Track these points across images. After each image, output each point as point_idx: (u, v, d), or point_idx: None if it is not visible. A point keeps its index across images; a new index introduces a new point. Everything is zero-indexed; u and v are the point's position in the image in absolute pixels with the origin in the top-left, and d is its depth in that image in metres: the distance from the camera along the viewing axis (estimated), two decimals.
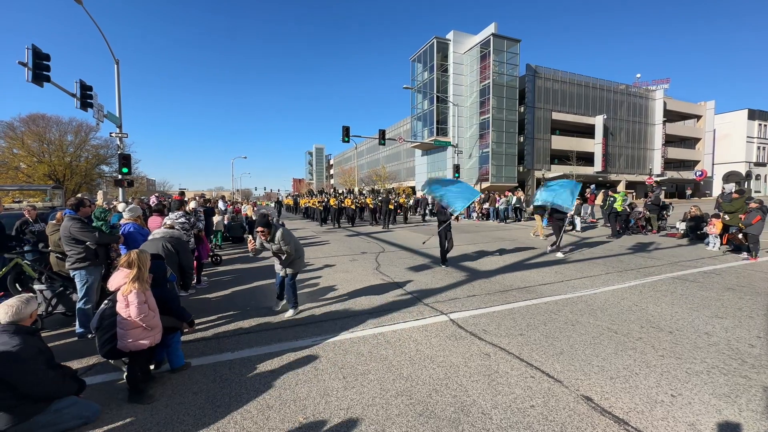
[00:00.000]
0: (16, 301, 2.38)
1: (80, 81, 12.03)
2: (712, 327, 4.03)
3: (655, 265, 7.35)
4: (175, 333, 3.28)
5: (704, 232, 9.97)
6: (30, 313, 2.45)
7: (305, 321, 4.52)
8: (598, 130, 42.73)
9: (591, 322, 4.23)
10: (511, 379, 2.96)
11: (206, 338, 4.05)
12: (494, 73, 36.49)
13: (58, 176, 29.60)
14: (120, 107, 14.56)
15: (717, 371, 3.04)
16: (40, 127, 30.93)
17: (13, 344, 2.23)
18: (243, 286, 6.42)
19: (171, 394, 2.89)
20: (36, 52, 10.19)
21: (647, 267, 7.22)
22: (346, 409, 2.62)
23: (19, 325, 2.37)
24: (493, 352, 3.48)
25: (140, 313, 2.72)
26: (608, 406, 2.57)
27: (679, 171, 50.79)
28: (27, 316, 2.40)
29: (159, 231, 4.76)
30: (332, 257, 9.08)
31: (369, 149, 66.51)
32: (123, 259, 2.84)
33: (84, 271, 4.19)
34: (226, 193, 50.26)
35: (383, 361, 3.37)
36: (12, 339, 2.26)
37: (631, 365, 3.16)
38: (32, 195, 25.48)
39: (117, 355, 2.86)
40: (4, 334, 2.28)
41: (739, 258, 7.99)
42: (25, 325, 2.43)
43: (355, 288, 6.05)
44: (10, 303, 2.37)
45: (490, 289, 5.80)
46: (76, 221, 4.24)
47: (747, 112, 50.66)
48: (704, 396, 2.68)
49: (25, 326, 2.43)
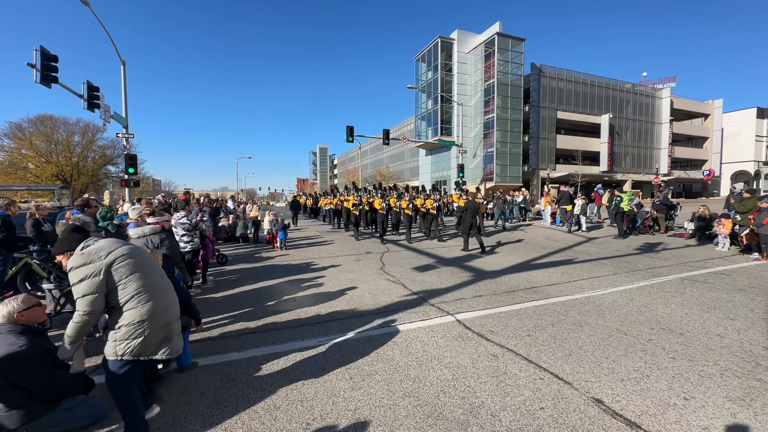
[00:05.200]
0: (14, 303, 2.41)
1: (87, 82, 12.14)
2: (724, 329, 3.96)
3: (664, 266, 7.26)
4: (184, 332, 3.28)
5: (713, 232, 9.83)
6: (35, 314, 2.47)
7: (311, 321, 4.51)
8: (604, 129, 42.39)
9: (599, 323, 4.18)
10: (520, 381, 2.93)
11: (213, 338, 4.06)
12: (499, 73, 36.31)
13: (65, 176, 29.94)
14: (126, 108, 14.68)
15: (730, 374, 2.99)
16: (48, 127, 31.29)
17: (20, 344, 2.25)
18: (249, 285, 6.43)
19: (179, 393, 2.90)
20: (44, 54, 10.29)
21: (655, 267, 7.14)
22: (353, 410, 2.61)
23: (26, 326, 2.39)
24: (501, 353, 3.45)
25: None
26: (620, 408, 2.53)
27: (686, 170, 50.25)
28: (23, 316, 2.41)
29: (137, 230, 4.15)
30: (337, 257, 9.07)
31: (373, 149, 66.51)
32: None
33: None
34: (231, 192, 50.55)
35: (390, 361, 3.35)
36: (19, 339, 2.27)
37: (641, 367, 3.12)
38: (40, 195, 25.77)
39: None
40: (11, 335, 2.29)
41: (750, 258, 7.87)
42: (33, 325, 2.46)
43: (360, 288, 6.04)
44: (9, 303, 2.40)
45: (497, 289, 5.76)
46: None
47: (756, 110, 49.91)
48: (718, 399, 2.63)
49: (33, 326, 2.45)
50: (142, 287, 2.23)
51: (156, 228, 4.10)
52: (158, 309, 2.27)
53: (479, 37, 39.79)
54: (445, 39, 39.72)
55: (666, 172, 46.43)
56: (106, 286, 2.15)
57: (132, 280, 2.21)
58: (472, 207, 9.52)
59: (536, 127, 39.61)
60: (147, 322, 2.20)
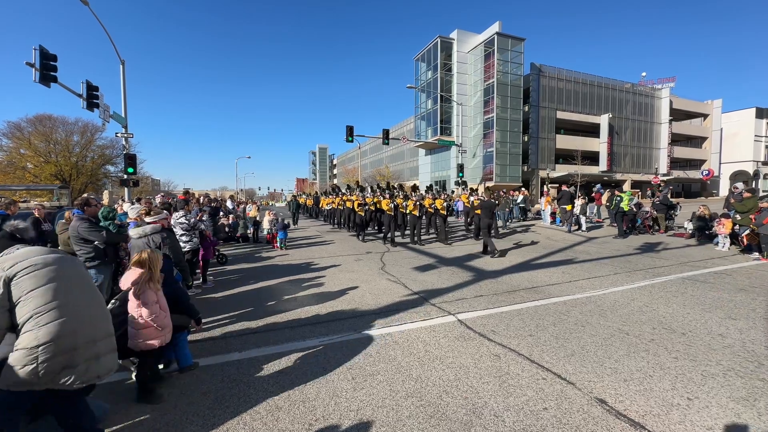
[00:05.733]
0: None
1: (87, 81, 12.11)
2: (726, 329, 3.96)
3: (664, 266, 7.26)
4: (183, 332, 3.27)
5: (713, 232, 9.83)
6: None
7: (312, 321, 4.50)
8: (604, 129, 42.41)
9: (601, 323, 4.17)
10: (523, 381, 2.92)
11: (213, 338, 4.05)
12: (498, 72, 36.31)
13: (64, 176, 29.87)
14: (126, 108, 14.65)
15: (733, 374, 2.98)
16: (47, 127, 31.22)
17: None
18: (249, 285, 6.41)
19: (180, 394, 2.88)
20: (43, 53, 10.26)
21: (656, 267, 7.13)
22: (356, 410, 2.60)
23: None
24: (503, 353, 3.44)
25: (152, 313, 2.71)
26: (623, 409, 2.52)
27: (685, 170, 50.31)
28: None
29: (138, 230, 4.11)
30: (337, 257, 9.06)
31: (372, 149, 66.50)
32: (135, 259, 2.83)
33: (94, 270, 4.21)
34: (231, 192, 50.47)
35: (392, 361, 3.34)
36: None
37: (644, 367, 3.11)
38: (39, 195, 25.71)
39: (126, 354, 2.85)
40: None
41: (750, 258, 7.87)
42: None
43: (361, 288, 6.02)
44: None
45: (497, 289, 5.75)
46: (84, 221, 4.26)
47: (755, 110, 49.98)
48: (721, 399, 2.62)
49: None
50: (43, 306, 1.85)
51: (156, 227, 4.09)
52: (61, 332, 1.88)
53: (479, 37, 39.80)
54: (444, 39, 39.72)
55: (665, 172, 46.48)
56: (8, 301, 1.84)
57: (32, 297, 1.84)
58: (489, 206, 9.08)
59: (536, 126, 39.62)
60: (43, 347, 1.82)
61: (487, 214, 9.05)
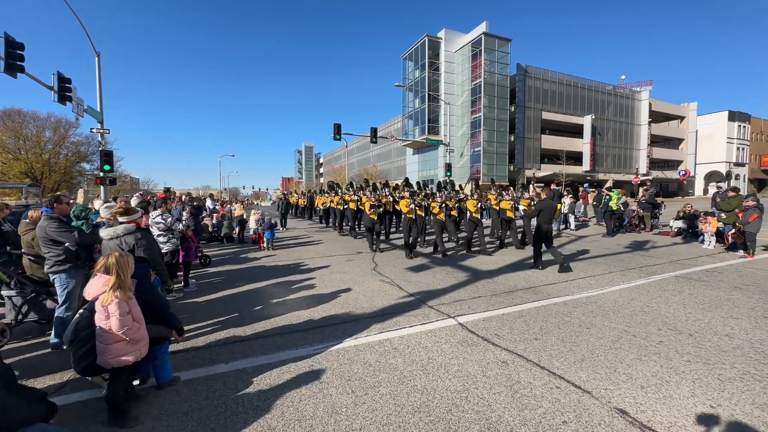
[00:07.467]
0: None
1: (58, 73, 11.37)
2: (731, 329, 3.88)
3: (656, 264, 7.27)
4: (163, 344, 2.94)
5: (699, 230, 10.00)
6: None
7: (304, 327, 4.20)
8: (587, 130, 43.30)
9: (606, 325, 4.04)
10: (536, 391, 2.72)
11: (196, 347, 3.71)
12: (485, 72, 36.54)
13: (35, 174, 28.39)
14: (101, 102, 13.89)
15: (750, 377, 2.87)
16: (16, 122, 29.62)
17: None
18: (235, 288, 6.05)
19: (158, 414, 2.55)
20: (9, 41, 9.56)
21: (649, 266, 7.13)
22: (358, 429, 2.34)
23: None
24: (511, 360, 3.25)
25: (123, 325, 2.37)
26: (646, 420, 2.35)
27: (663, 171, 51.94)
28: None
29: (109, 231, 3.69)
30: (327, 257, 8.75)
31: (359, 147, 66.02)
32: (100, 264, 2.47)
33: (64, 274, 3.79)
34: (214, 191, 49.15)
35: (393, 371, 3.09)
36: None
37: (659, 372, 2.96)
38: (8, 193, 24.31)
39: (96, 371, 2.51)
40: None
41: (736, 256, 7.99)
42: None
43: (353, 290, 5.75)
44: None
45: (495, 289, 5.59)
46: (53, 220, 3.83)
47: (728, 113, 52.12)
48: (745, 407, 2.49)
49: None
50: None
51: (130, 228, 3.70)
52: None
53: (466, 37, 39.95)
54: (432, 38, 39.70)
55: (645, 172, 47.85)
56: None
57: None
58: (549, 208, 6.97)
59: (522, 127, 40.09)
60: None
61: (546, 219, 7.06)
